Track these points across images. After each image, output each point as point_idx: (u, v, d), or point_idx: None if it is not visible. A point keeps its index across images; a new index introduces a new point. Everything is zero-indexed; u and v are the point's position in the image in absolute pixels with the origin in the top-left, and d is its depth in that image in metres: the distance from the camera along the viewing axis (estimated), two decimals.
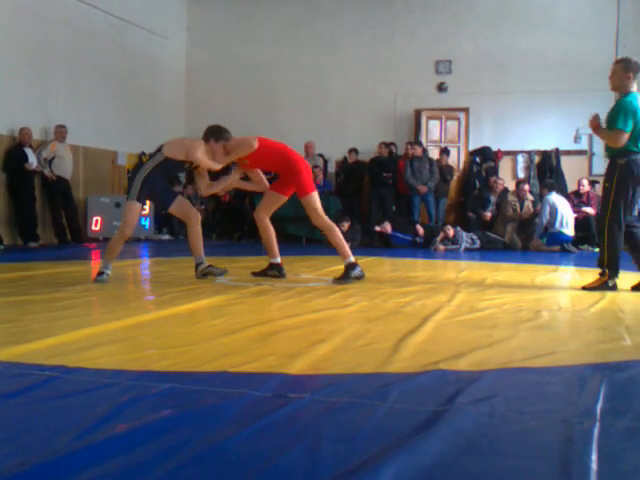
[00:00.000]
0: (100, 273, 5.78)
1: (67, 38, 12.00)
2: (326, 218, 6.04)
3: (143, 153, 13.88)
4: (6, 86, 10.64)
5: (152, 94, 14.41)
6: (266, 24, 15.12)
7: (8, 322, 3.83)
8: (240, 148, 5.87)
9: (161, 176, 5.88)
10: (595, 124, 5.42)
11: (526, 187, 11.85)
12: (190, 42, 15.68)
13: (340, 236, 6.02)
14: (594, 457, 1.81)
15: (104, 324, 3.75)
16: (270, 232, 6.20)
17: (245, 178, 6.58)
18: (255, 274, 6.24)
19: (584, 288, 5.56)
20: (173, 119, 15.25)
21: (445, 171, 13.14)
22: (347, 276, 5.90)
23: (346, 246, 6.03)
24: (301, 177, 5.98)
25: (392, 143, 13.50)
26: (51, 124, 11.42)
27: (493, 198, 12.13)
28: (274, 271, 6.21)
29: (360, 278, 5.92)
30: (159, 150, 5.86)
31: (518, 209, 11.58)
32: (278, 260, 6.24)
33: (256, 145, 5.82)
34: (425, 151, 13.01)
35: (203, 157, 5.76)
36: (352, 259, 5.97)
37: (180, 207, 6.04)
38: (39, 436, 1.97)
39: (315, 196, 6.01)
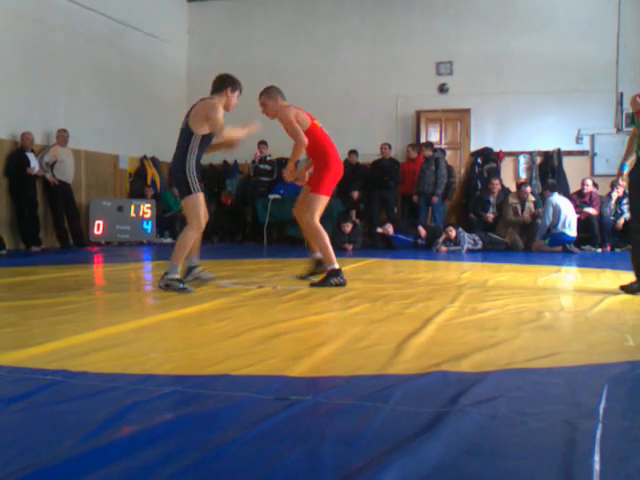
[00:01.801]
0: (179, 281, 5.36)
1: (68, 42, 12.03)
2: (318, 223, 5.83)
3: (145, 157, 13.93)
4: (7, 91, 10.66)
5: (153, 97, 14.43)
6: (266, 27, 15.14)
7: (10, 326, 3.83)
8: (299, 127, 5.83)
9: (200, 160, 5.54)
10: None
11: (528, 189, 11.84)
12: (190, 45, 15.71)
13: (327, 242, 5.81)
14: (597, 458, 1.80)
15: (106, 328, 3.75)
16: None
17: None
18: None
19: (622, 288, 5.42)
20: (174, 122, 15.15)
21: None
22: (326, 282, 5.70)
23: (332, 252, 5.79)
24: (326, 175, 5.86)
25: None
26: (53, 128, 11.45)
27: (492, 200, 12.12)
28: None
29: (342, 285, 5.67)
30: (189, 132, 5.48)
31: (520, 211, 11.57)
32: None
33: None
34: (436, 151, 12.90)
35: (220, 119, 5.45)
36: (336, 266, 5.78)
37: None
38: (41, 440, 1.97)
39: (324, 200, 5.87)
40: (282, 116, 5.91)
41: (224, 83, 5.71)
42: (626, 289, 5.33)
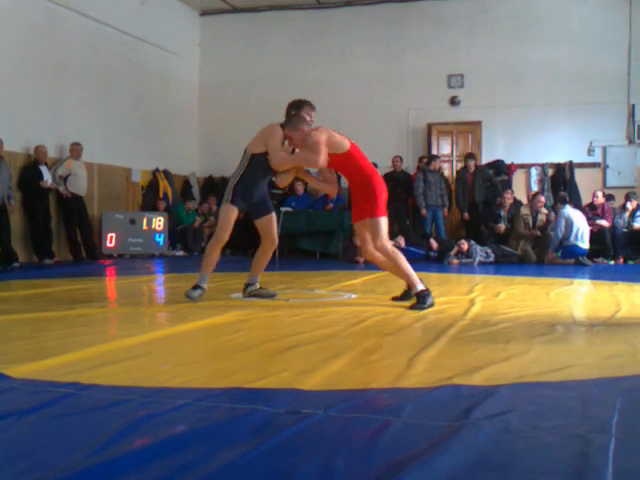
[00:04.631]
0: (195, 287, 5.54)
1: (81, 56, 12.12)
2: (389, 245, 5.47)
3: (157, 170, 13.99)
4: (21, 104, 10.74)
5: (165, 110, 14.51)
6: (277, 39, 15.21)
7: (24, 339, 3.85)
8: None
9: (257, 179, 5.50)
10: None
11: (542, 199, 11.79)
12: (202, 58, 15.80)
13: (406, 263, 5.42)
14: (610, 472, 1.79)
15: (119, 341, 3.77)
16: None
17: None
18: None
19: None
20: (187, 135, 15.34)
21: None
22: (421, 304, 5.20)
23: (413, 274, 5.39)
24: (377, 199, 5.43)
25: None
26: (66, 142, 11.52)
27: (503, 213, 12.07)
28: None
29: (432, 306, 5.22)
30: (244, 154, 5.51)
31: (531, 223, 11.52)
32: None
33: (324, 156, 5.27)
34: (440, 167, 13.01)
35: (278, 150, 5.32)
36: (423, 286, 5.32)
37: (265, 225, 5.72)
38: (54, 453, 1.97)
39: (384, 221, 5.44)
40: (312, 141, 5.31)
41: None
42: None
